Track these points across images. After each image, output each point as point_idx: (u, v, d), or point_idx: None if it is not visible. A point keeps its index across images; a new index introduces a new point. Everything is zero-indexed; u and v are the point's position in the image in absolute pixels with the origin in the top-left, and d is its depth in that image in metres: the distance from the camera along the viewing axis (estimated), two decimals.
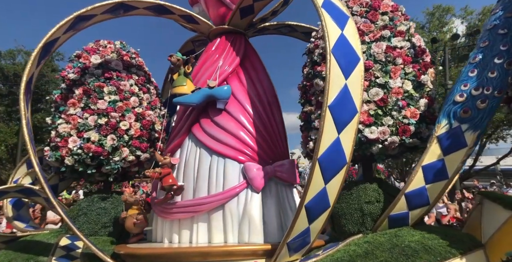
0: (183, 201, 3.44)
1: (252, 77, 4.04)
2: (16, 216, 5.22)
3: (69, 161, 4.02)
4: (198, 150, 3.59)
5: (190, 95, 3.59)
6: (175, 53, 3.81)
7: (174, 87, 3.69)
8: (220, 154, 3.47)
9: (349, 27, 2.56)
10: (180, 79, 3.68)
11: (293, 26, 5.29)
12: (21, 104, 3.03)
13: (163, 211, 3.51)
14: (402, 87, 2.86)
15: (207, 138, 3.55)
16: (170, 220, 3.50)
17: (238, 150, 3.45)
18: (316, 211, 2.55)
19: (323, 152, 2.39)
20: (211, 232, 3.30)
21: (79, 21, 3.81)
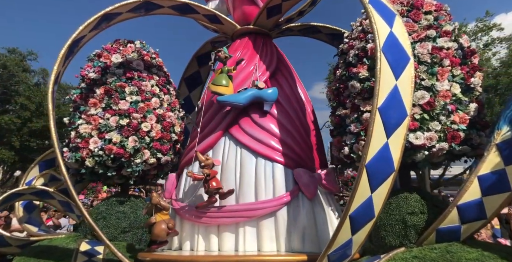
0: (228, 205, 3.22)
1: (289, 82, 3.93)
2: (28, 219, 5.12)
3: (90, 163, 3.90)
4: (239, 151, 3.43)
5: (236, 95, 3.44)
6: (223, 49, 3.65)
7: (216, 86, 3.50)
8: (268, 157, 3.32)
9: (397, 25, 2.41)
10: (223, 79, 3.51)
11: (318, 27, 5.17)
12: (49, 105, 2.92)
13: (198, 215, 3.29)
14: (450, 90, 2.69)
15: (250, 140, 3.40)
16: (206, 225, 3.27)
17: (286, 155, 3.31)
18: (361, 222, 2.37)
19: (371, 158, 2.22)
20: (262, 240, 3.12)
21: (104, 20, 3.73)
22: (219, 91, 3.42)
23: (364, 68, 3.11)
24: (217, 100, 3.47)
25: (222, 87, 3.39)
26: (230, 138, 3.54)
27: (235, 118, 3.58)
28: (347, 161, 3.29)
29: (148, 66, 4.77)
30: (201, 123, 3.69)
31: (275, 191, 3.23)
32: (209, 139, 3.55)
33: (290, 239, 3.15)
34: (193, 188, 3.42)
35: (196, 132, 3.78)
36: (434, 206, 2.77)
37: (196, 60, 6.47)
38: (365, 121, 2.98)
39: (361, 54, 3.18)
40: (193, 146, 3.54)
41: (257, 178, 3.27)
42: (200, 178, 3.20)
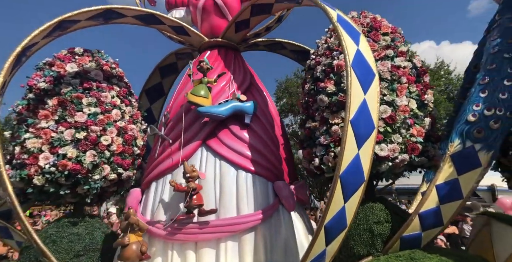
0: (210, 220, 3.03)
1: (261, 95, 3.97)
2: None
3: (39, 181, 3.48)
4: (218, 163, 3.30)
5: (218, 106, 3.35)
6: (204, 60, 3.59)
7: (196, 96, 3.39)
8: (248, 170, 3.26)
9: (362, 43, 2.59)
10: (202, 89, 3.42)
11: (283, 43, 5.36)
12: None
13: (172, 232, 3.03)
14: (408, 105, 2.93)
15: (230, 152, 3.31)
16: (180, 242, 3.03)
17: (266, 167, 3.26)
18: (334, 232, 2.42)
19: (345, 168, 2.30)
20: (244, 255, 2.99)
21: (60, 27, 3.46)
22: (198, 102, 3.34)
23: (331, 83, 3.27)
24: (198, 111, 3.36)
25: (201, 98, 3.30)
26: (207, 149, 3.42)
27: (213, 130, 3.49)
28: (317, 172, 3.38)
29: (108, 76, 4.50)
30: (171, 135, 3.52)
31: (256, 204, 3.17)
32: (185, 149, 3.37)
33: (272, 253, 3.09)
34: (167, 202, 3.21)
35: (163, 144, 3.59)
36: (396, 215, 2.94)
37: (159, 71, 6.29)
38: (334, 134, 3.11)
39: (328, 70, 3.35)
40: (162, 159, 3.34)
41: (238, 190, 3.18)
42: (183, 189, 2.98)
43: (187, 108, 3.57)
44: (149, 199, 3.19)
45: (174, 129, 3.49)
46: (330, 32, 3.71)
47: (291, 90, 17.32)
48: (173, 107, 3.77)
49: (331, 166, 3.11)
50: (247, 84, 3.94)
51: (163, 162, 3.34)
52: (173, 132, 3.49)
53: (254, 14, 3.99)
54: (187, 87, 3.87)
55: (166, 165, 3.24)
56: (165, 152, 3.41)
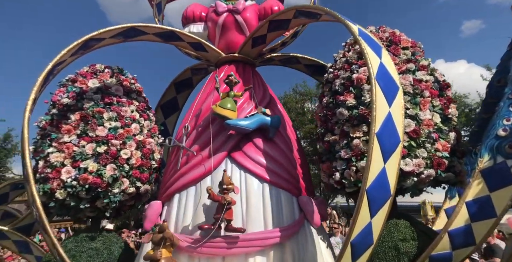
0: (240, 235, 2.94)
1: (280, 110, 3.99)
2: None
3: (61, 195, 3.52)
4: (243, 176, 3.28)
5: (245, 120, 3.37)
6: (232, 74, 3.65)
7: (224, 109, 3.39)
8: (274, 184, 3.22)
9: (385, 57, 2.61)
10: (229, 102, 3.45)
11: (298, 58, 5.43)
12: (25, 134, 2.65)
13: (200, 246, 2.91)
14: (432, 119, 2.89)
15: (255, 165, 3.30)
16: (209, 257, 2.92)
17: (290, 182, 3.24)
18: (361, 248, 2.34)
19: (371, 182, 2.26)
20: None
21: (87, 45, 3.60)
22: (226, 115, 3.35)
23: (351, 96, 3.28)
24: (227, 124, 3.35)
25: (229, 111, 3.33)
26: (232, 162, 3.39)
27: (238, 143, 3.48)
28: (337, 186, 3.32)
29: (127, 91, 4.62)
30: (194, 147, 3.51)
31: (282, 219, 3.12)
32: (208, 163, 3.33)
33: None
34: (192, 215, 3.14)
35: (185, 156, 3.57)
36: (422, 232, 2.84)
37: (174, 86, 6.41)
38: (355, 148, 3.08)
39: (347, 84, 3.36)
40: (186, 171, 3.31)
41: (264, 204, 3.13)
42: (217, 199, 2.88)
43: (211, 120, 3.58)
44: (172, 212, 3.14)
45: (196, 141, 3.49)
46: (348, 46, 3.75)
47: (290, 106, 17.45)
48: (194, 119, 3.79)
49: (353, 180, 3.06)
50: (268, 99, 3.97)
51: (187, 174, 3.30)
52: (195, 143, 3.48)
53: (271, 30, 4.07)
54: (209, 100, 3.89)
55: (191, 177, 3.20)
56: (188, 164, 3.39)
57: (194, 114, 3.80)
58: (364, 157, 3.02)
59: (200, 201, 3.11)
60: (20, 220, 4.42)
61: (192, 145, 3.48)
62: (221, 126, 3.47)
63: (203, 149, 3.42)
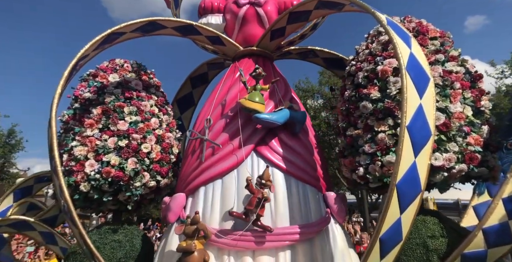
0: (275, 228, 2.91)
1: (299, 105, 3.94)
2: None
3: (85, 187, 3.58)
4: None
5: (274, 114, 3.35)
6: (258, 67, 3.62)
7: (254, 103, 3.36)
8: (300, 178, 3.20)
9: (415, 46, 2.51)
10: (257, 96, 3.42)
11: (316, 51, 5.32)
12: (53, 127, 2.69)
13: (229, 239, 2.87)
14: (463, 112, 2.77)
15: (281, 160, 3.26)
16: (238, 250, 2.89)
17: (315, 177, 3.21)
18: (390, 245, 2.29)
19: (401, 177, 2.19)
20: None
21: (108, 39, 3.62)
22: (255, 108, 3.31)
23: (375, 89, 3.18)
24: (256, 117, 3.31)
25: (258, 104, 3.30)
26: (258, 156, 3.36)
27: (263, 137, 3.45)
28: (360, 181, 3.25)
29: (146, 86, 4.65)
30: (219, 140, 3.46)
31: (310, 214, 3.09)
32: (239, 154, 3.29)
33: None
34: (220, 208, 3.10)
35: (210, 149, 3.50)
36: (453, 229, 2.75)
37: (190, 81, 6.42)
38: (380, 142, 2.99)
39: (371, 76, 3.26)
40: (211, 164, 3.25)
41: (291, 199, 3.10)
42: (254, 191, 2.83)
43: (236, 113, 3.55)
44: (198, 205, 3.11)
45: (221, 135, 3.45)
46: (371, 37, 3.64)
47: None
48: (216, 113, 3.74)
49: (378, 175, 2.98)
50: (290, 94, 3.93)
51: (213, 167, 3.27)
52: (220, 137, 3.45)
53: (291, 21, 4.00)
54: (231, 93, 3.82)
55: (218, 170, 3.18)
56: (214, 157, 3.35)
57: (215, 107, 3.77)
58: (390, 151, 2.94)
59: (227, 194, 3.08)
60: (46, 212, 4.54)
61: (216, 138, 3.45)
62: (247, 119, 3.44)
63: (228, 142, 3.39)
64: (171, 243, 2.99)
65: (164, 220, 3.71)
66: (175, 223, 3.10)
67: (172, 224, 3.13)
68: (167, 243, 3.05)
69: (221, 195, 3.07)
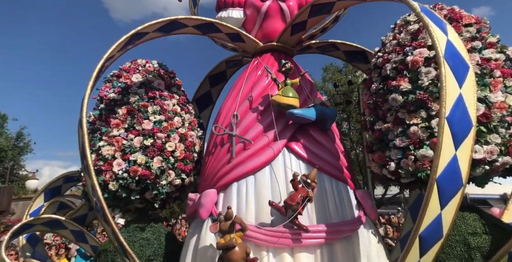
0: (312, 226, 2.87)
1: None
2: (33, 253, 4.74)
3: (113, 186, 3.65)
4: (302, 167, 3.20)
5: (308, 110, 3.32)
6: (286, 61, 3.58)
7: (289, 98, 3.31)
8: (332, 175, 3.14)
9: (451, 33, 2.37)
10: (290, 91, 3.38)
11: (337, 44, 5.19)
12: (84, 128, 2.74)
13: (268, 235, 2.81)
14: (505, 101, 2.61)
15: (313, 156, 3.21)
16: (277, 247, 2.82)
17: (346, 174, 3.14)
18: (429, 242, 2.18)
19: (441, 171, 2.07)
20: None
21: (133, 39, 3.66)
22: (291, 103, 3.26)
23: (405, 81, 3.05)
24: (291, 113, 3.26)
25: (293, 99, 3.27)
26: (290, 152, 3.30)
27: (294, 133, 3.40)
28: (391, 177, 3.14)
29: (168, 85, 4.69)
30: (249, 135, 3.41)
31: (345, 212, 3.03)
32: (268, 152, 3.24)
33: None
34: (255, 204, 3.03)
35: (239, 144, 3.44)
36: (496, 226, 2.60)
37: (209, 80, 6.42)
38: (413, 135, 2.87)
39: (401, 67, 3.13)
40: (244, 160, 3.20)
41: (326, 196, 3.04)
42: (298, 188, 2.76)
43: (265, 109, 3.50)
44: (232, 201, 3.06)
45: (250, 131, 3.40)
46: (398, 27, 3.50)
47: None
48: (243, 109, 3.66)
49: (411, 170, 2.87)
50: (315, 88, 3.85)
51: (245, 163, 3.20)
52: (249, 133, 3.41)
53: (313, 14, 3.90)
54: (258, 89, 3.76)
55: (251, 166, 3.13)
56: (245, 153, 3.28)
57: (240, 103, 3.72)
58: (424, 144, 2.82)
59: (261, 191, 3.04)
60: (76, 211, 4.67)
61: (245, 134, 3.41)
62: (277, 115, 3.38)
63: (258, 138, 3.34)
64: (205, 240, 2.95)
65: (190, 216, 3.72)
66: (207, 220, 3.07)
67: (204, 220, 3.09)
68: (201, 240, 2.99)
69: (255, 191, 3.01)
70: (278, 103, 3.28)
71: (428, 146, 2.76)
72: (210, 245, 2.89)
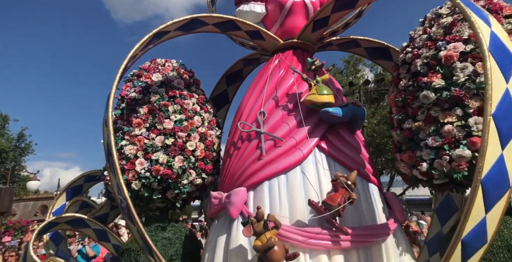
0: (349, 228, 2.77)
1: None
2: (56, 251, 4.82)
3: (136, 185, 3.65)
4: (333, 166, 3.13)
5: (342, 109, 3.26)
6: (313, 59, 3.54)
7: (325, 96, 3.24)
8: (363, 177, 3.05)
9: (495, 24, 2.22)
10: (325, 89, 3.32)
11: (358, 41, 5.04)
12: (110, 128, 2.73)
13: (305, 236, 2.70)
14: None
15: (343, 156, 3.14)
16: (314, 249, 2.72)
17: (375, 175, 3.05)
18: (473, 248, 2.04)
19: (487, 172, 1.94)
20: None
21: (154, 38, 3.64)
22: (328, 101, 3.19)
23: (437, 77, 2.90)
24: (326, 111, 3.19)
25: (329, 96, 3.20)
26: (320, 151, 3.22)
27: (324, 133, 3.32)
28: (423, 178, 3.00)
29: (188, 84, 4.66)
30: (279, 133, 3.32)
31: (377, 214, 2.95)
32: (300, 151, 3.13)
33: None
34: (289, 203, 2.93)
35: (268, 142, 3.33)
36: None
37: (225, 79, 6.37)
38: (448, 134, 2.73)
39: (432, 63, 2.98)
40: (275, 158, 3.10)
41: (360, 199, 2.94)
42: (338, 189, 2.70)
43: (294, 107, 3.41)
44: (262, 200, 2.96)
45: (279, 129, 3.32)
46: (428, 21, 3.34)
47: None
48: (268, 107, 3.59)
49: (446, 171, 2.72)
50: (339, 86, 3.75)
51: (277, 162, 3.10)
52: (278, 130, 3.31)
53: (336, 9, 3.78)
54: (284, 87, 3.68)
55: (283, 165, 3.03)
56: (276, 151, 3.18)
57: (266, 101, 3.63)
58: (460, 144, 2.66)
59: (294, 191, 2.94)
60: (98, 210, 4.72)
61: (274, 132, 3.31)
62: (307, 114, 3.31)
63: (288, 136, 3.23)
64: (237, 240, 2.84)
65: (213, 215, 3.62)
66: (237, 219, 2.98)
67: (234, 219, 2.99)
68: (231, 240, 2.88)
69: (288, 190, 2.92)
70: (314, 102, 3.19)
71: (465, 145, 2.61)
72: (242, 245, 2.80)
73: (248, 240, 2.78)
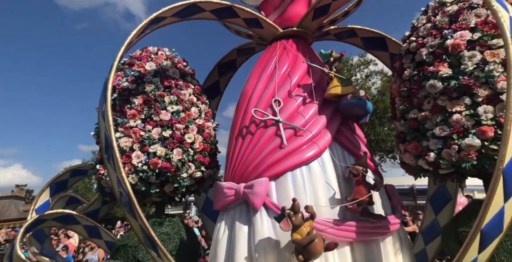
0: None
1: None
2: (41, 250, 4.57)
3: (133, 179, 3.47)
4: (347, 158, 3.10)
5: (365, 102, 3.24)
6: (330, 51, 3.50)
7: (347, 87, 3.22)
8: (372, 169, 3.09)
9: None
10: (344, 79, 3.28)
11: (355, 30, 4.97)
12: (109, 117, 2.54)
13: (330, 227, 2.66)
14: None
15: (355, 148, 3.15)
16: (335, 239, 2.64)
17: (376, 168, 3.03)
18: (490, 237, 2.04)
19: (508, 161, 1.93)
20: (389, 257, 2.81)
21: (150, 25, 3.41)
22: (351, 91, 3.20)
23: (444, 66, 2.88)
24: (349, 103, 3.17)
25: (349, 87, 3.16)
26: (336, 143, 3.18)
27: (339, 125, 3.29)
28: (429, 168, 3.00)
29: (183, 74, 4.46)
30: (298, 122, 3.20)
31: (386, 206, 3.00)
32: (321, 142, 3.03)
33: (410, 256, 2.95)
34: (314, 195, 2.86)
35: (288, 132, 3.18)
36: None
37: (218, 69, 6.18)
38: (456, 124, 2.72)
39: (438, 52, 2.95)
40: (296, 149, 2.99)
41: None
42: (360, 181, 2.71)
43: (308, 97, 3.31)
44: (286, 191, 2.83)
45: (296, 119, 3.19)
46: (432, 10, 3.30)
47: None
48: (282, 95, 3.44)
49: (454, 160, 2.72)
50: None
51: (299, 153, 2.96)
52: (295, 120, 3.18)
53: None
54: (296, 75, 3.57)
55: (306, 156, 2.92)
56: (297, 141, 3.06)
57: (278, 89, 3.48)
58: (469, 133, 2.66)
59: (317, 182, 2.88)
60: (89, 206, 4.49)
61: (293, 121, 3.19)
62: (322, 106, 3.25)
63: (305, 126, 3.12)
64: (263, 232, 2.70)
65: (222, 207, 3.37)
66: (260, 211, 2.82)
67: (257, 211, 2.83)
68: (256, 233, 2.72)
69: (311, 182, 2.82)
70: (337, 94, 3.14)
71: (475, 135, 2.61)
72: (270, 238, 2.68)
73: (275, 232, 2.67)
